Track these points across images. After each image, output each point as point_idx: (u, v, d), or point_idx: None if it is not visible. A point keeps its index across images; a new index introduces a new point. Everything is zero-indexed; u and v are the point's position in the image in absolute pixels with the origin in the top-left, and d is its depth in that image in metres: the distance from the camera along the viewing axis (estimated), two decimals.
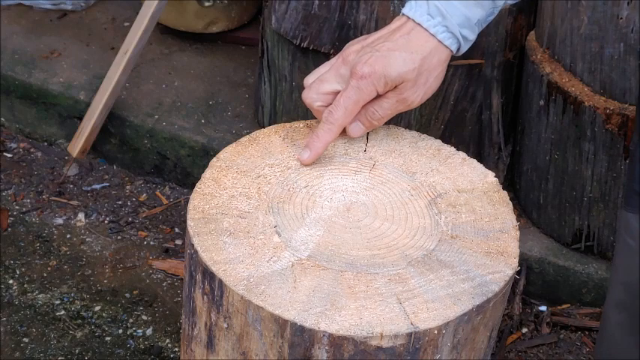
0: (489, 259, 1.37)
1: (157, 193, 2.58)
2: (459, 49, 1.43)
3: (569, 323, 2.31)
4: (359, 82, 1.39)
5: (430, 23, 1.38)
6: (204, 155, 2.49)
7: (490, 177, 1.51)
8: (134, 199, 2.55)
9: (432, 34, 1.39)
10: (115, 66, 2.46)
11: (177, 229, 2.48)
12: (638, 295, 1.47)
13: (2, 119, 2.71)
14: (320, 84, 1.45)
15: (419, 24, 1.39)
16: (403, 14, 1.42)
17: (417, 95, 1.42)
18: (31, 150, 2.67)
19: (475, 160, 1.53)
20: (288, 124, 1.55)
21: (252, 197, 1.42)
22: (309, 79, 1.48)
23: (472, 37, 1.43)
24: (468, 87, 2.23)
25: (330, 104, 1.44)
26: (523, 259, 2.30)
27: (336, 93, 1.44)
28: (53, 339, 2.20)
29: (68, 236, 2.44)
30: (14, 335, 2.19)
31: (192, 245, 1.34)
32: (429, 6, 1.38)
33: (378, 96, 1.42)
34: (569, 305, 2.35)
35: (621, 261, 1.50)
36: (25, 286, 2.30)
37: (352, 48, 1.44)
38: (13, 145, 2.68)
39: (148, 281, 2.34)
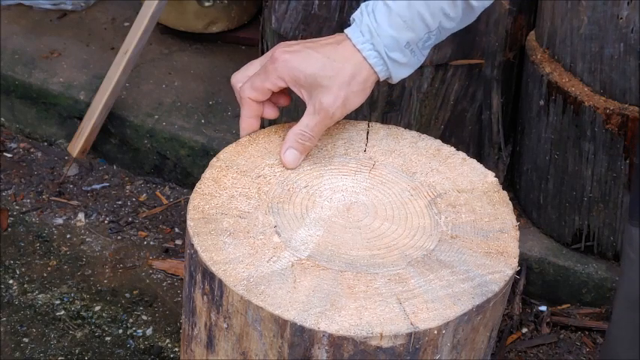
0: (489, 259, 1.37)
1: (157, 193, 2.58)
2: (389, 76, 1.43)
3: (569, 323, 2.31)
4: (269, 66, 1.41)
5: (359, 39, 1.40)
6: (204, 155, 2.49)
7: (490, 177, 1.51)
8: (134, 199, 2.55)
9: (358, 50, 1.40)
10: (115, 66, 2.46)
11: (177, 229, 2.48)
12: (638, 310, 1.47)
13: (2, 119, 2.71)
14: (247, 68, 1.48)
15: (349, 39, 1.41)
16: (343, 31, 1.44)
17: (336, 107, 1.40)
18: (31, 150, 2.67)
19: (475, 160, 1.53)
20: (287, 124, 1.55)
21: (252, 197, 1.42)
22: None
23: (404, 60, 1.42)
24: (468, 87, 2.23)
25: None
26: (523, 259, 2.30)
27: None
28: (53, 339, 2.20)
29: (68, 236, 2.44)
30: (14, 335, 2.19)
31: (192, 245, 1.34)
32: (361, 25, 1.41)
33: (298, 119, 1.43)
34: (569, 305, 2.35)
35: (625, 276, 1.50)
36: (25, 286, 2.30)
37: (282, 43, 1.45)
38: (13, 145, 2.68)
39: (148, 281, 2.34)
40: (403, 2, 1.38)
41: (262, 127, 1.53)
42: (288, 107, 2.37)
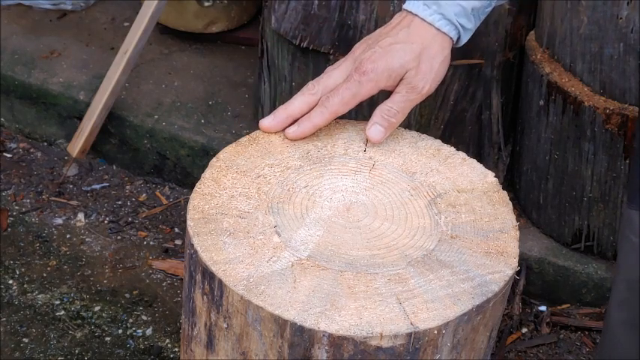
0: (489, 259, 1.37)
1: (157, 193, 2.58)
2: (459, 39, 1.48)
3: (568, 323, 2.31)
4: (360, 77, 1.44)
5: (426, 12, 1.44)
6: (204, 155, 2.49)
7: (490, 177, 1.51)
8: (134, 199, 2.55)
9: (429, 23, 1.44)
10: (115, 66, 2.46)
11: (177, 229, 2.48)
12: (639, 292, 1.48)
13: (2, 119, 2.71)
14: (327, 79, 1.49)
15: (416, 15, 1.45)
16: (403, 9, 1.47)
17: (425, 81, 1.45)
18: (31, 150, 2.67)
19: (475, 160, 1.53)
20: None
21: (252, 197, 1.42)
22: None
23: (470, 25, 1.47)
24: (468, 87, 2.23)
25: None
26: (523, 259, 2.30)
27: None
28: (53, 339, 2.20)
29: (68, 236, 2.44)
30: (14, 335, 2.19)
31: (192, 245, 1.34)
32: None
33: (389, 93, 1.46)
34: (568, 305, 2.35)
35: (624, 258, 1.50)
36: (25, 286, 2.30)
37: (358, 47, 1.49)
38: (13, 145, 2.68)
39: (147, 281, 2.34)
40: None
41: None
42: None
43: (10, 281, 2.31)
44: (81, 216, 2.49)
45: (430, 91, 1.47)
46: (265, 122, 1.50)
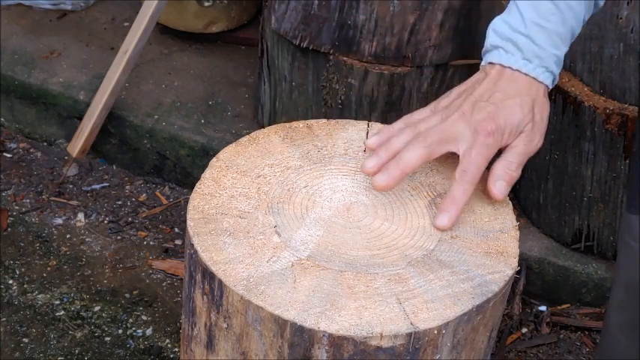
0: (489, 259, 1.37)
1: (157, 193, 2.58)
2: (553, 83, 1.47)
3: (568, 323, 2.31)
4: (487, 139, 1.39)
5: (530, 67, 1.41)
6: (204, 155, 2.49)
7: None
8: (134, 199, 2.55)
9: (533, 77, 1.42)
10: (115, 66, 2.46)
11: (176, 229, 2.48)
12: (638, 295, 1.48)
13: (2, 119, 2.71)
14: (424, 124, 1.43)
15: (517, 70, 1.42)
16: (494, 63, 1.43)
17: (540, 134, 1.43)
18: (31, 150, 2.67)
19: None
20: (287, 124, 1.55)
21: (252, 197, 1.42)
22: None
23: (560, 69, 1.47)
24: None
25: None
26: (523, 259, 2.30)
27: None
28: (53, 339, 2.20)
29: (68, 236, 2.44)
30: (14, 335, 2.19)
31: (192, 245, 1.34)
32: (523, 52, 1.41)
33: (505, 147, 1.43)
34: (568, 305, 2.35)
35: (623, 262, 1.51)
36: (25, 286, 2.30)
37: (453, 99, 1.44)
38: (13, 146, 2.68)
39: (147, 281, 2.34)
40: (557, 19, 1.40)
41: (262, 127, 1.53)
42: (287, 107, 2.38)
43: (10, 281, 2.31)
44: (81, 216, 2.49)
45: (541, 143, 1.44)
46: (380, 181, 1.40)
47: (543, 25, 1.40)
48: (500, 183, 1.42)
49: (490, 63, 1.43)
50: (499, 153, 1.43)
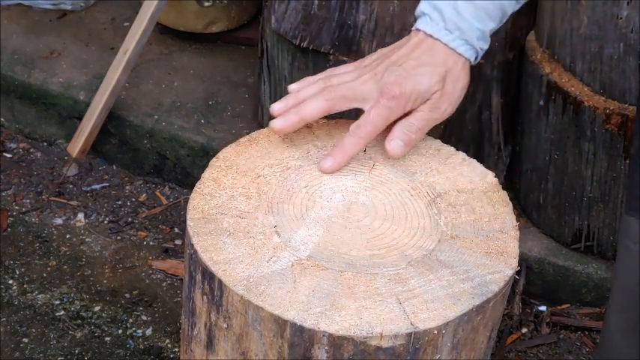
0: (489, 259, 1.37)
1: (157, 193, 2.58)
2: (476, 59, 1.49)
3: (568, 323, 2.31)
4: (389, 102, 1.43)
5: (449, 38, 1.44)
6: (204, 155, 2.49)
7: (490, 177, 1.51)
8: (134, 200, 2.55)
9: (451, 48, 1.45)
10: (115, 66, 2.46)
11: (176, 229, 2.48)
12: (638, 298, 1.48)
13: (2, 119, 2.71)
14: (338, 78, 1.48)
15: (438, 39, 1.45)
16: (419, 29, 1.46)
17: (448, 103, 1.47)
18: (31, 150, 2.67)
19: (475, 160, 1.53)
20: None
21: (252, 197, 1.42)
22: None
23: (486, 46, 1.49)
24: (468, 87, 2.23)
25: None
26: (523, 259, 2.30)
27: None
28: (53, 339, 2.20)
29: (68, 236, 2.44)
30: (14, 335, 2.19)
31: (192, 245, 1.34)
32: (445, 22, 1.44)
33: (411, 110, 1.46)
34: (568, 305, 2.35)
35: (622, 265, 1.51)
36: (25, 286, 2.30)
37: (374, 60, 1.48)
38: (13, 146, 2.68)
39: (147, 281, 2.34)
40: None
41: (262, 127, 1.53)
42: None
43: (10, 281, 2.31)
44: (81, 216, 2.49)
45: (451, 112, 1.48)
46: (277, 124, 1.47)
47: None
48: (396, 142, 1.46)
49: (417, 29, 1.47)
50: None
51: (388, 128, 1.47)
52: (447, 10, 1.44)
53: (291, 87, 1.50)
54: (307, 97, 1.46)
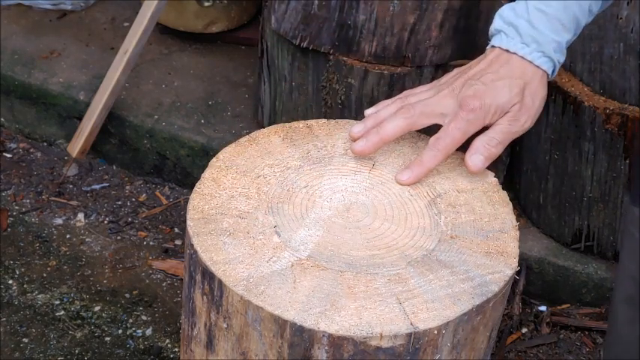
0: (489, 259, 1.37)
1: (157, 193, 2.58)
2: (553, 72, 1.48)
3: (568, 323, 2.31)
4: (468, 115, 1.43)
5: (526, 50, 1.44)
6: (204, 155, 2.49)
7: (490, 177, 1.51)
8: (134, 200, 2.55)
9: (529, 61, 1.45)
10: (115, 66, 2.46)
11: (176, 229, 2.48)
12: None
13: (2, 119, 2.71)
14: (416, 98, 1.48)
15: (514, 53, 1.45)
16: (494, 46, 1.47)
17: (528, 116, 1.46)
18: (31, 150, 2.67)
19: None
20: (287, 125, 1.55)
21: (252, 197, 1.42)
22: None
23: (563, 59, 1.48)
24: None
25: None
26: (523, 259, 2.30)
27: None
28: (53, 339, 2.20)
29: (68, 236, 2.44)
30: (14, 335, 2.19)
31: (192, 245, 1.34)
32: (522, 36, 1.44)
33: (490, 123, 1.46)
34: (568, 305, 2.35)
35: (628, 255, 1.51)
36: (25, 286, 2.30)
37: (451, 78, 1.48)
38: (13, 146, 2.68)
39: (147, 281, 2.34)
40: (558, 5, 1.43)
41: (262, 127, 1.53)
42: (287, 107, 2.37)
43: (10, 281, 2.31)
44: (81, 216, 2.49)
45: (530, 125, 1.47)
46: (358, 146, 1.47)
47: (543, 9, 1.43)
48: (477, 156, 1.45)
49: (492, 46, 1.47)
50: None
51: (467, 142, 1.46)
52: (522, 25, 1.44)
53: (368, 111, 1.49)
54: (386, 116, 1.46)
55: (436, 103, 1.45)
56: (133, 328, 2.24)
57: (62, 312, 2.26)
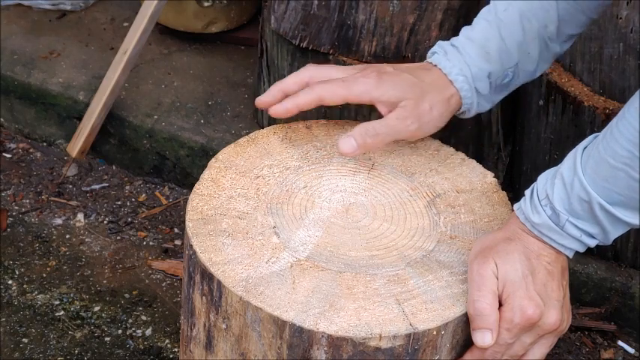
0: None
1: (157, 193, 2.58)
2: (471, 104, 1.49)
3: None
4: (359, 77, 1.45)
5: (446, 64, 1.47)
6: (204, 155, 2.49)
7: (489, 177, 1.51)
8: (133, 200, 2.55)
9: (444, 74, 1.47)
10: (114, 66, 2.46)
11: (176, 230, 2.48)
12: None
13: (1, 119, 2.71)
14: (328, 68, 1.52)
15: (436, 65, 1.48)
16: (427, 61, 1.51)
17: (418, 120, 1.45)
18: (31, 150, 2.67)
19: (474, 161, 1.53)
20: (287, 125, 1.55)
21: (251, 198, 1.42)
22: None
23: (485, 91, 1.48)
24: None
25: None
26: None
27: None
28: (52, 339, 2.20)
29: (67, 236, 2.44)
30: (13, 335, 2.19)
31: (191, 246, 1.34)
32: (447, 54, 1.48)
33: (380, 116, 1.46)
34: None
35: None
36: (25, 286, 2.30)
37: (374, 64, 1.51)
38: (12, 146, 2.68)
39: (147, 281, 2.34)
40: (483, 35, 1.48)
41: (261, 127, 1.53)
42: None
43: (10, 281, 2.31)
44: (80, 216, 2.49)
45: (417, 133, 1.46)
46: (260, 98, 1.51)
47: (471, 36, 1.49)
48: (349, 140, 1.44)
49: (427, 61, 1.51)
50: None
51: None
52: (451, 48, 1.48)
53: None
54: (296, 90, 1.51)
55: (340, 71, 1.48)
56: (133, 329, 2.23)
57: (62, 312, 2.25)
